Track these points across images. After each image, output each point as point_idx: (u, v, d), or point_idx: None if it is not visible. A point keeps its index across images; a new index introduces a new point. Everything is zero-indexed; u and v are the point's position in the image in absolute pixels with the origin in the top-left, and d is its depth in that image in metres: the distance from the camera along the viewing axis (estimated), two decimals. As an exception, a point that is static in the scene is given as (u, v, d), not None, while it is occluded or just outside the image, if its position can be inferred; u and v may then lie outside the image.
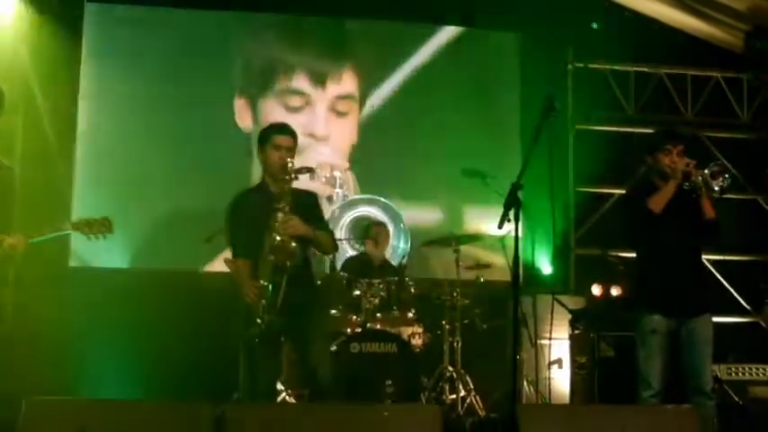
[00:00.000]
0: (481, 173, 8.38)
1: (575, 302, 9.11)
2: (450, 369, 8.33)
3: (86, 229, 5.85)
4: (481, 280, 8.72)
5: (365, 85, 10.30)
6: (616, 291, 9.50)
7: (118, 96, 9.89)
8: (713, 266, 9.53)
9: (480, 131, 10.25)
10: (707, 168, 6.05)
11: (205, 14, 10.19)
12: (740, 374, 8.33)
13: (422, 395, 8.00)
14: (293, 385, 7.54)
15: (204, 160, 9.86)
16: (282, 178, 5.90)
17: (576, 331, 8.62)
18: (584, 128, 10.44)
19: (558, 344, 8.91)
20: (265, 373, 6.07)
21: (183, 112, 9.95)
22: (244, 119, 10.10)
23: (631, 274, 7.24)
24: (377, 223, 9.23)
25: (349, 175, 10.15)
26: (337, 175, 10.07)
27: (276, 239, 5.78)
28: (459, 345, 8.41)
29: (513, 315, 5.20)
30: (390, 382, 7.62)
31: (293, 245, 5.80)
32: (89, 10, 9.99)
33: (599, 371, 8.18)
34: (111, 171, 9.79)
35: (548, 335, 8.53)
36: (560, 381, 8.92)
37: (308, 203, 6.14)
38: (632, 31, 10.35)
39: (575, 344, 8.63)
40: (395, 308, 8.19)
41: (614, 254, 9.51)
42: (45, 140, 9.47)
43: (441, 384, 8.28)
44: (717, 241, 6.33)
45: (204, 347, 8.94)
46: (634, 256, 6.50)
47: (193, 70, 10.04)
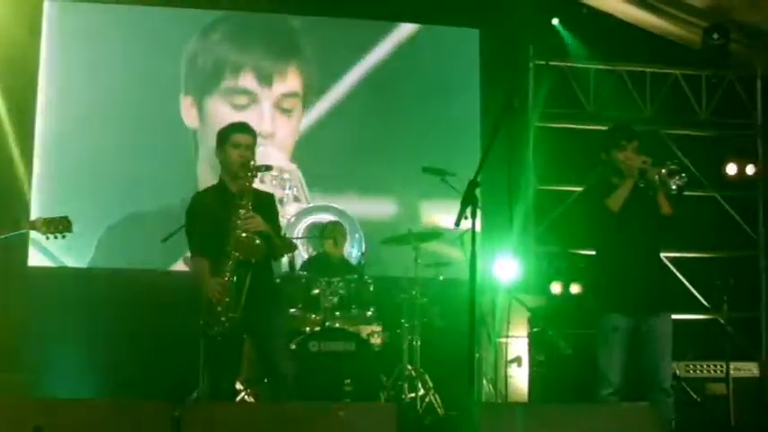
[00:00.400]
0: (441, 170, 8.35)
1: (534, 300, 9.09)
2: (410, 367, 8.30)
3: (45, 229, 5.82)
4: (441, 278, 8.70)
5: (311, 83, 10.23)
6: (575, 289, 9.53)
7: (77, 94, 9.83)
8: (672, 264, 9.58)
9: (439, 128, 10.28)
10: (663, 168, 6.05)
11: (154, 11, 10.09)
12: (698, 372, 8.39)
13: (381, 394, 8.00)
14: (252, 384, 7.50)
15: (156, 158, 9.80)
16: (244, 176, 5.89)
17: (535, 329, 8.64)
18: (544, 125, 10.46)
19: (517, 342, 8.85)
20: (227, 371, 6.06)
21: (136, 109, 9.90)
22: (190, 117, 10.02)
23: (591, 271, 7.27)
24: (333, 222, 9.16)
25: (297, 175, 10.09)
26: (286, 177, 10.01)
27: (241, 236, 5.79)
28: (419, 343, 8.39)
29: (470, 313, 5.17)
30: (349, 380, 7.62)
31: (257, 241, 5.80)
32: (47, 5, 9.86)
33: (558, 369, 8.21)
34: (70, 170, 9.71)
35: (506, 333, 8.54)
36: (519, 379, 8.88)
37: (267, 203, 6.16)
38: (592, 29, 10.39)
39: (533, 342, 8.65)
40: (354, 306, 8.15)
41: (574, 252, 9.53)
42: (2, 139, 9.39)
43: (400, 383, 8.25)
44: (673, 237, 6.37)
45: (163, 347, 8.91)
46: (593, 254, 6.50)
47: (146, 67, 9.96)
